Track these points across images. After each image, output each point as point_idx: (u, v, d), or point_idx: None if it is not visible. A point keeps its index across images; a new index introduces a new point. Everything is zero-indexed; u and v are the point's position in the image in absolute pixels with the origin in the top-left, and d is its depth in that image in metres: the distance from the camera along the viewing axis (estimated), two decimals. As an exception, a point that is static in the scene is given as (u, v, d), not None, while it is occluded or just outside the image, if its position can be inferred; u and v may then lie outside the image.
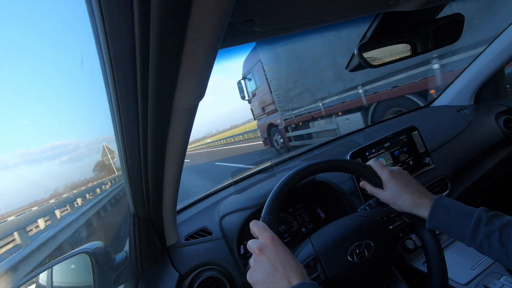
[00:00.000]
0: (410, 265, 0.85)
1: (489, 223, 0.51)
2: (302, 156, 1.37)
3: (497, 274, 0.73)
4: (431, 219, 0.57)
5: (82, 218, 7.12)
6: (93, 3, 0.26)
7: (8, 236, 5.99)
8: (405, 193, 0.61)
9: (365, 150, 1.03)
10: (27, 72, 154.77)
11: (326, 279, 0.56)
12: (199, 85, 0.38)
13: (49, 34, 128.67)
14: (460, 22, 0.67)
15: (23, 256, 4.55)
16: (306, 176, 0.64)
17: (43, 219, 6.90)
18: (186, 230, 0.93)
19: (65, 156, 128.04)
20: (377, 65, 0.67)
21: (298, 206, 1.07)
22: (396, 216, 0.64)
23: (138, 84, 0.34)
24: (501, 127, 1.31)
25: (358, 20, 0.60)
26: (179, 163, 0.57)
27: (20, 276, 4.13)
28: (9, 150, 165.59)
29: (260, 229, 0.51)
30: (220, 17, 0.28)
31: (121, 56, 0.31)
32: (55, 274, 0.79)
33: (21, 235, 5.35)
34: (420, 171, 1.08)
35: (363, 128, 1.53)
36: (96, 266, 0.76)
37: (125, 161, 0.52)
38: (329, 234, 0.63)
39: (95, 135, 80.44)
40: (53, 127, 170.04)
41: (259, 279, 0.46)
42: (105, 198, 9.89)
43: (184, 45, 0.30)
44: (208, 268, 0.80)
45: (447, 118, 1.40)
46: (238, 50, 0.53)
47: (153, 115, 0.40)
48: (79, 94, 55.04)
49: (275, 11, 0.39)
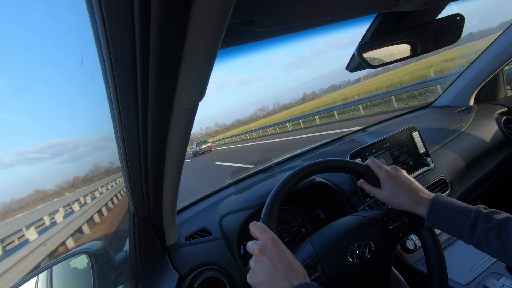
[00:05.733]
0: (410, 265, 0.85)
1: (487, 220, 0.51)
2: (302, 156, 1.37)
3: (497, 275, 0.73)
4: (430, 217, 0.57)
5: (82, 218, 7.12)
6: (93, 3, 0.26)
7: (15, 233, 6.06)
8: (403, 192, 0.61)
9: (365, 150, 1.03)
10: (27, 72, 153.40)
11: (326, 280, 0.56)
12: (199, 85, 0.38)
13: (49, 34, 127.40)
14: (460, 23, 0.67)
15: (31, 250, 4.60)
16: (306, 177, 0.64)
17: (48, 217, 6.95)
18: (186, 230, 0.93)
19: (65, 155, 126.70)
20: (377, 65, 0.67)
21: (298, 206, 1.07)
22: (396, 216, 0.64)
23: (138, 84, 0.34)
24: (501, 127, 1.31)
25: (358, 20, 0.60)
26: (179, 163, 0.57)
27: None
28: (6, 148, 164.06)
29: (260, 230, 0.51)
30: (220, 18, 0.28)
31: (121, 56, 0.31)
32: (55, 274, 0.79)
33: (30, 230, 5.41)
34: (420, 172, 1.08)
35: (363, 128, 1.53)
36: (95, 266, 0.76)
37: (125, 161, 0.52)
38: (329, 235, 0.63)
39: (95, 133, 79.41)
40: (52, 126, 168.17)
41: (259, 280, 0.46)
42: (106, 198, 9.89)
43: (184, 45, 0.30)
44: (208, 268, 0.80)
45: (447, 119, 1.40)
46: (238, 50, 0.53)
47: (153, 115, 0.40)
48: (78, 93, 54.07)
49: (275, 12, 0.39)
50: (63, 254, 0.77)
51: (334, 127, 10.56)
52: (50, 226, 6.83)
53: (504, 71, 1.46)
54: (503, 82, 1.49)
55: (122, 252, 0.86)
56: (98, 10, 0.26)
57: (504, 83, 1.50)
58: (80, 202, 9.54)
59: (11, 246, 6.70)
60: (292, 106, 77.52)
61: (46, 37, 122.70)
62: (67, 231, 6.17)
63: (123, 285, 0.84)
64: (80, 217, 7.02)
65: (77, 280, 0.85)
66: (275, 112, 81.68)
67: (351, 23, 0.62)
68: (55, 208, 7.66)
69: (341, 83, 70.48)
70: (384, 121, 1.60)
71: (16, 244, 6.70)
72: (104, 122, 0.50)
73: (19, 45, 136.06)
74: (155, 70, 0.32)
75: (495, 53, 1.30)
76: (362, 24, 0.67)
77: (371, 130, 1.46)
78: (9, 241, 6.73)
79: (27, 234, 5.91)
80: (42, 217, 7.04)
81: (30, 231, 5.95)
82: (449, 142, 1.22)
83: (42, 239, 5.28)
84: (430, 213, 0.57)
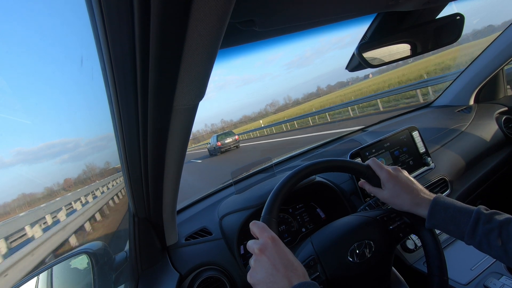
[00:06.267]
0: (410, 265, 0.85)
1: (488, 221, 0.51)
2: (302, 156, 1.37)
3: (497, 274, 0.73)
4: (430, 218, 0.57)
5: (83, 217, 7.13)
6: (93, 3, 0.26)
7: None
8: (404, 193, 0.61)
9: (365, 150, 1.03)
10: (28, 72, 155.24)
11: (326, 279, 0.56)
12: (199, 85, 0.38)
13: (49, 34, 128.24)
14: (460, 22, 0.67)
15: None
16: (306, 176, 0.64)
17: (50, 216, 6.98)
18: (186, 230, 0.93)
19: (65, 155, 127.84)
20: (377, 65, 0.67)
21: (298, 206, 1.07)
22: (396, 216, 0.64)
23: (138, 84, 0.34)
24: (501, 127, 1.31)
25: (358, 19, 0.60)
26: (179, 163, 0.57)
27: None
28: (5, 149, 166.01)
29: (260, 230, 0.51)
30: (220, 17, 0.28)
31: (121, 56, 0.31)
32: (55, 274, 0.79)
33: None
34: (420, 171, 1.08)
35: (363, 128, 1.53)
36: (96, 266, 0.76)
37: (125, 161, 0.52)
38: (329, 234, 0.63)
39: (95, 133, 79.95)
40: (53, 126, 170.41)
41: (259, 280, 0.46)
42: (106, 197, 9.90)
43: (184, 45, 0.30)
44: (208, 268, 0.80)
45: (447, 118, 1.40)
46: (238, 50, 0.53)
47: (153, 115, 0.40)
48: (78, 92, 54.39)
49: (275, 11, 0.39)
50: (64, 254, 0.77)
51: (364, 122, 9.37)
52: (52, 225, 6.86)
53: (504, 70, 1.46)
54: (503, 81, 1.49)
55: (122, 252, 0.86)
56: (98, 10, 0.26)
57: (504, 82, 1.50)
58: (82, 201, 9.56)
59: (15, 244, 6.77)
60: (304, 101, 74.32)
61: (46, 36, 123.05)
62: (69, 229, 6.19)
63: (123, 285, 0.84)
64: (81, 216, 7.04)
65: (78, 280, 0.85)
66: (287, 107, 78.42)
67: (351, 23, 0.62)
68: (57, 206, 7.68)
69: (348, 80, 69.61)
70: (384, 120, 1.60)
71: (20, 242, 6.77)
72: (104, 122, 0.50)
73: (19, 45, 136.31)
74: (155, 70, 0.32)
75: (495, 53, 1.30)
76: (362, 23, 0.67)
77: (371, 129, 1.46)
78: (14, 238, 6.81)
79: (31, 232, 5.99)
80: (45, 216, 7.10)
81: (35, 228, 6.05)
82: (449, 142, 1.22)
83: (45, 237, 5.31)
84: (431, 214, 0.57)
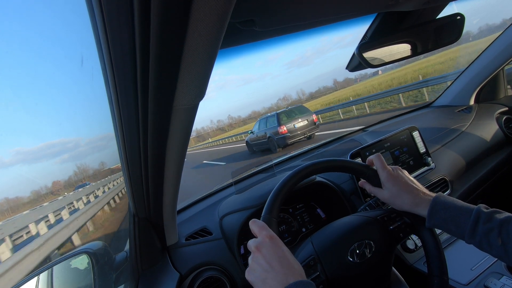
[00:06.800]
0: (410, 265, 0.85)
1: (488, 220, 0.51)
2: (302, 156, 1.37)
3: (497, 274, 0.73)
4: (431, 218, 0.57)
5: (83, 217, 7.14)
6: (93, 3, 0.26)
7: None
8: (404, 193, 0.61)
9: (366, 150, 1.03)
10: (28, 71, 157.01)
11: (326, 279, 0.56)
12: (199, 85, 0.38)
13: (49, 33, 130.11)
14: (460, 22, 0.67)
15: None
16: (306, 176, 0.64)
17: (53, 214, 7.01)
18: (186, 230, 0.93)
19: (65, 155, 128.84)
20: (377, 65, 0.67)
21: (298, 206, 1.07)
22: (397, 216, 0.63)
23: (138, 84, 0.34)
24: (501, 127, 1.31)
25: (358, 19, 0.60)
26: (179, 163, 0.57)
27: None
28: (4, 148, 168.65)
29: (259, 228, 0.51)
30: (220, 17, 0.28)
31: (121, 56, 0.31)
32: (55, 274, 0.79)
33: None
34: (420, 171, 1.07)
35: (363, 128, 1.53)
36: (96, 266, 0.76)
37: (125, 161, 0.52)
38: (329, 234, 0.63)
39: (95, 133, 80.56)
40: (53, 126, 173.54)
41: (256, 277, 0.46)
42: (106, 197, 9.90)
43: (184, 45, 0.30)
44: (209, 268, 0.80)
45: (447, 118, 1.40)
46: (239, 50, 0.53)
47: (153, 115, 0.40)
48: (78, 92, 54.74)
49: (275, 11, 0.39)
50: (64, 253, 0.77)
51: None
52: (55, 224, 6.89)
53: (505, 70, 1.46)
54: (504, 81, 1.49)
55: (123, 252, 0.86)
56: (98, 10, 0.26)
57: (505, 82, 1.50)
58: (83, 200, 9.57)
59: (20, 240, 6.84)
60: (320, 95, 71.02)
61: (47, 36, 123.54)
62: (69, 229, 6.21)
63: (123, 285, 0.84)
64: (83, 215, 7.06)
65: (78, 280, 0.85)
66: (301, 101, 75.43)
67: (351, 23, 0.62)
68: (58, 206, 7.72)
69: (357, 77, 68.30)
70: (384, 120, 1.60)
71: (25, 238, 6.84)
72: (104, 122, 0.50)
73: (19, 45, 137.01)
74: (155, 70, 0.32)
75: (496, 53, 1.30)
76: (363, 23, 0.67)
77: (371, 129, 1.46)
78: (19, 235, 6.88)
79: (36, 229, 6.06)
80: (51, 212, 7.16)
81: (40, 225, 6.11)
82: (450, 142, 1.22)
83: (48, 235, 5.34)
84: (431, 213, 0.56)
